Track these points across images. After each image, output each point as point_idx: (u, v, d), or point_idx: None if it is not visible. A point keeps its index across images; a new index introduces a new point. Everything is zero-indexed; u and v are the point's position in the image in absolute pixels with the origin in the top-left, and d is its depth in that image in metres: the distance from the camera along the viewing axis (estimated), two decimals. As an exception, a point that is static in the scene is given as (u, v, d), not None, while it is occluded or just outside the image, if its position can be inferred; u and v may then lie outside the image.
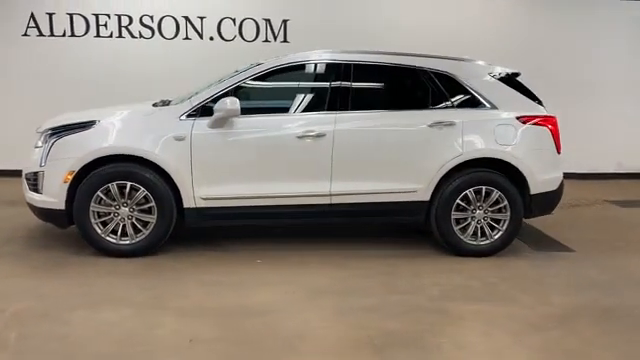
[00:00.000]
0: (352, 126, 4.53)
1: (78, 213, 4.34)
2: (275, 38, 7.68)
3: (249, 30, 7.64)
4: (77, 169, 4.29)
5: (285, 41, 7.68)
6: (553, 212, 5.04)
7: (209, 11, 7.56)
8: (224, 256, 4.55)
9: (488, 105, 4.70)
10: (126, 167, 4.33)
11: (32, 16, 7.38)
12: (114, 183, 4.32)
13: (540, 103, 4.90)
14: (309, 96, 4.73)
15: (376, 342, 3.05)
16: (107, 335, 3.10)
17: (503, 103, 4.73)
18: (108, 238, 4.39)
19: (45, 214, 4.46)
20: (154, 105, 4.74)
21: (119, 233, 4.39)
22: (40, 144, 4.47)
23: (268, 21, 7.64)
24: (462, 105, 4.70)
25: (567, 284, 4.08)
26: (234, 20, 7.60)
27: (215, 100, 4.40)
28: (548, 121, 4.74)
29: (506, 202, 4.64)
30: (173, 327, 3.21)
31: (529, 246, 5.10)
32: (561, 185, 4.86)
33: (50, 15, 7.41)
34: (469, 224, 4.66)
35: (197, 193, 4.41)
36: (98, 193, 4.32)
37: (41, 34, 7.44)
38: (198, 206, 4.44)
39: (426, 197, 4.62)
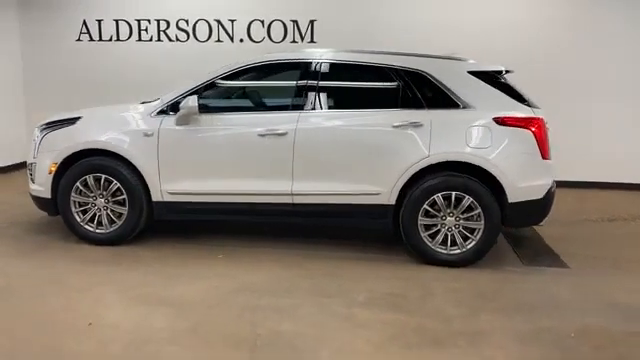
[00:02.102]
0: (314, 125, 4.47)
1: (61, 202, 4.71)
2: (302, 39, 7.73)
3: (277, 31, 7.76)
4: (59, 161, 4.67)
5: (312, 41, 7.71)
6: (542, 223, 4.59)
7: (239, 14, 7.79)
8: (191, 249, 4.68)
9: (463, 105, 4.40)
10: (100, 161, 4.63)
11: (84, 23, 8.10)
12: (90, 175, 4.64)
13: (528, 104, 4.49)
14: (277, 95, 4.75)
15: (259, 342, 3.02)
16: (27, 313, 3.36)
17: (481, 103, 4.40)
18: (86, 226, 4.73)
19: (37, 202, 4.90)
20: (142, 103, 5.02)
21: (95, 222, 4.72)
22: (36, 138, 4.92)
23: (295, 22, 7.71)
24: (434, 105, 4.44)
25: (517, 302, 3.71)
26: (263, 22, 7.77)
27: (186, 98, 4.56)
28: (531, 123, 4.33)
29: (479, 210, 4.31)
30: (87, 310, 3.40)
31: (522, 259, 4.70)
32: (549, 194, 4.40)
33: (99, 22, 8.08)
34: (439, 231, 4.40)
35: (164, 187, 4.60)
36: (77, 184, 4.66)
37: (92, 39, 8.14)
38: (165, 200, 4.63)
39: (391, 201, 4.43)
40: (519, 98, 4.48)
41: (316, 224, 4.97)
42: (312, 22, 7.68)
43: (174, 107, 4.59)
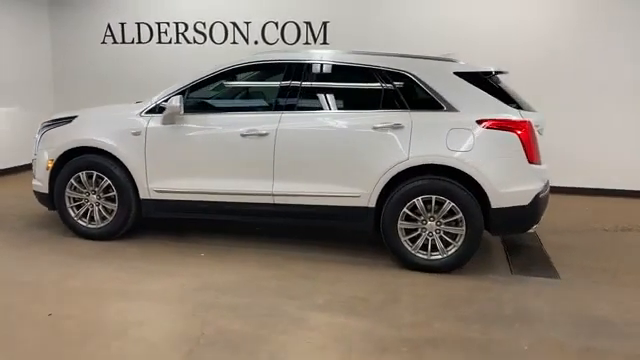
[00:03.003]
0: (295, 126, 4.46)
1: (57, 197, 4.91)
2: (315, 40, 7.73)
3: (291, 33, 7.79)
4: (55, 158, 4.86)
5: (325, 43, 7.69)
6: (533, 230, 4.40)
7: (254, 16, 7.88)
8: (177, 247, 4.77)
9: (447, 107, 4.27)
10: (93, 158, 4.79)
11: (108, 26, 8.41)
12: (83, 172, 4.81)
13: (518, 106, 4.32)
14: (260, 95, 4.76)
15: (202, 341, 3.03)
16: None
17: (466, 105, 4.26)
18: (79, 221, 4.90)
19: (38, 196, 5.11)
20: (137, 102, 5.15)
21: (88, 217, 4.88)
22: (37, 136, 5.14)
23: (309, 24, 7.71)
24: (417, 106, 4.34)
25: (482, 312, 3.56)
26: (277, 24, 7.82)
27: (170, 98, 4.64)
28: (517, 126, 4.15)
29: (461, 215, 4.17)
30: (51, 302, 3.54)
31: (513, 268, 4.52)
32: (537, 200, 4.21)
33: (122, 25, 8.37)
34: (419, 235, 4.29)
35: (151, 185, 4.70)
36: (71, 180, 4.84)
37: (115, 42, 8.45)
38: (152, 198, 4.73)
39: (371, 203, 4.36)
40: (508, 100, 4.32)
41: (299, 225, 4.94)
42: (325, 24, 7.67)
43: (162, 108, 4.68)
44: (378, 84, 4.42)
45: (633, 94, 7.01)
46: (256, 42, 7.93)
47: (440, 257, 4.27)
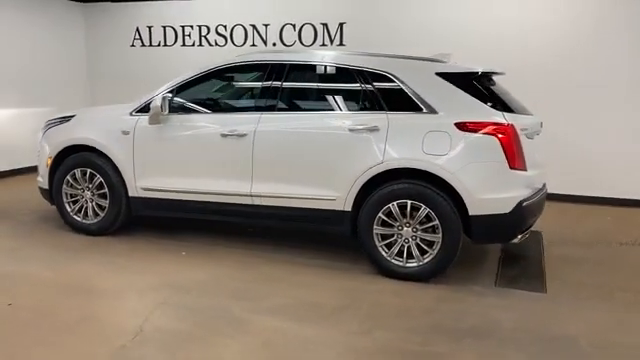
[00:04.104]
0: (273, 127, 4.43)
1: (55, 193, 5.12)
2: (332, 42, 7.67)
3: (307, 35, 7.77)
4: (53, 155, 5.07)
5: (341, 44, 7.62)
6: (516, 241, 4.14)
7: (273, 18, 7.91)
8: (162, 245, 4.85)
9: (426, 109, 4.10)
10: (87, 156, 4.96)
11: (137, 30, 8.72)
12: (78, 169, 4.98)
13: (509, 108, 4.10)
14: (242, 96, 4.76)
15: (137, 338, 3.06)
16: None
17: (446, 107, 4.08)
18: (75, 216, 5.09)
19: (41, 192, 5.35)
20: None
21: (82, 213, 5.06)
22: (40, 133, 5.39)
23: (325, 25, 7.66)
24: (396, 108, 4.19)
25: (437, 323, 3.38)
26: (294, 26, 7.82)
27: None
28: (498, 129, 3.92)
29: (437, 221, 3.99)
30: (18, 292, 3.68)
31: (499, 279, 4.28)
32: (519, 209, 3.95)
33: (149, 28, 8.65)
34: (395, 242, 4.14)
35: (138, 183, 4.81)
36: (68, 177, 5.03)
37: (143, 45, 8.74)
38: (139, 196, 4.84)
39: (347, 207, 4.25)
40: (496, 102, 4.09)
41: (279, 227, 4.89)
42: (341, 25, 7.59)
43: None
44: (358, 85, 4.32)
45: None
46: (274, 44, 7.96)
47: (416, 265, 4.10)
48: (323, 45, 7.71)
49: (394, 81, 4.22)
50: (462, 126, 3.97)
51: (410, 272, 4.11)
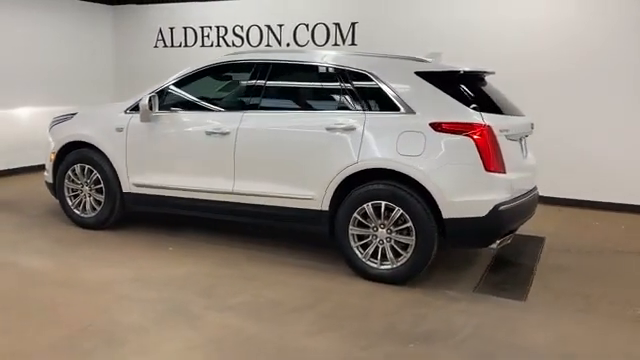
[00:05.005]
0: (254, 126, 4.46)
1: (58, 187, 5.35)
2: (344, 41, 7.63)
3: (320, 35, 7.76)
4: (56, 151, 5.30)
5: (353, 44, 7.57)
6: (494, 246, 4.00)
7: (287, 19, 7.95)
8: (151, 240, 4.96)
9: (404, 108, 4.03)
10: (85, 152, 5.15)
11: (160, 31, 8.97)
12: (78, 165, 5.19)
13: (498, 109, 4.01)
14: (228, 95, 4.82)
15: (89, 329, 3.15)
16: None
17: (423, 107, 3.99)
18: (75, 210, 5.29)
19: (47, 185, 5.60)
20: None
21: (81, 207, 5.26)
22: (48, 130, 5.63)
23: (337, 25, 7.63)
24: (374, 107, 4.14)
25: (388, 326, 3.33)
26: (307, 26, 7.83)
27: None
28: (473, 130, 3.80)
29: (410, 223, 3.92)
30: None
31: (482, 285, 4.16)
32: (495, 213, 3.82)
33: (171, 29, 8.88)
34: (371, 243, 4.09)
35: (130, 179, 4.96)
36: (68, 172, 5.25)
37: (165, 45, 8.98)
38: (132, 191, 4.98)
39: (324, 207, 4.23)
40: (479, 102, 3.98)
41: (259, 225, 4.90)
42: (353, 24, 7.55)
43: (144, 105, 4.92)
44: (338, 84, 4.29)
45: None
46: (288, 44, 8.01)
47: (390, 267, 4.03)
48: (335, 45, 7.69)
49: (373, 80, 4.17)
50: (437, 126, 3.88)
51: (384, 274, 4.05)
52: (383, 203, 3.98)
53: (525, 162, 4.34)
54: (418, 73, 4.09)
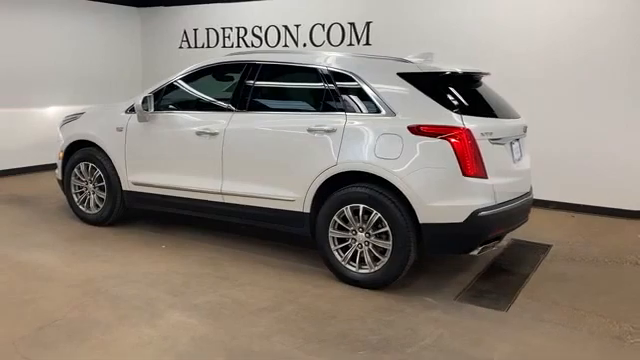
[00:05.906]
0: (241, 126, 4.49)
1: (65, 184, 5.57)
2: (358, 41, 7.55)
3: (336, 35, 7.71)
4: (64, 149, 5.52)
5: (367, 44, 7.49)
6: (476, 253, 3.86)
7: (303, 19, 7.95)
8: (148, 237, 5.10)
9: (385, 110, 3.95)
10: (89, 151, 5.33)
11: (184, 32, 9.17)
12: (82, 163, 5.38)
13: (491, 112, 3.88)
14: (219, 96, 4.85)
15: (58, 322, 3.27)
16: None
17: (404, 109, 3.91)
18: (80, 207, 5.49)
19: (58, 182, 5.84)
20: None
21: (85, 204, 5.45)
22: (58, 129, 5.86)
23: (352, 25, 7.56)
24: (356, 109, 4.08)
25: (341, 333, 3.27)
26: (323, 26, 7.80)
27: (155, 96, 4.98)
28: (452, 133, 3.68)
29: (387, 227, 3.84)
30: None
31: (465, 293, 4.03)
32: (474, 219, 3.68)
33: (195, 31, 9.05)
34: (349, 246, 4.04)
35: (129, 178, 5.10)
36: (74, 170, 5.45)
37: (189, 47, 9.17)
38: (131, 190, 5.13)
39: (306, 209, 4.21)
40: (467, 104, 3.87)
41: (247, 225, 4.92)
42: (368, 24, 7.46)
43: (142, 105, 5.04)
44: (322, 85, 4.25)
45: None
46: (304, 44, 8.01)
47: (368, 271, 3.97)
48: (350, 45, 7.63)
49: (355, 81, 4.11)
50: (415, 129, 3.78)
51: (362, 279, 3.99)
52: (361, 206, 3.92)
53: (515, 166, 4.16)
54: (400, 74, 4.00)
